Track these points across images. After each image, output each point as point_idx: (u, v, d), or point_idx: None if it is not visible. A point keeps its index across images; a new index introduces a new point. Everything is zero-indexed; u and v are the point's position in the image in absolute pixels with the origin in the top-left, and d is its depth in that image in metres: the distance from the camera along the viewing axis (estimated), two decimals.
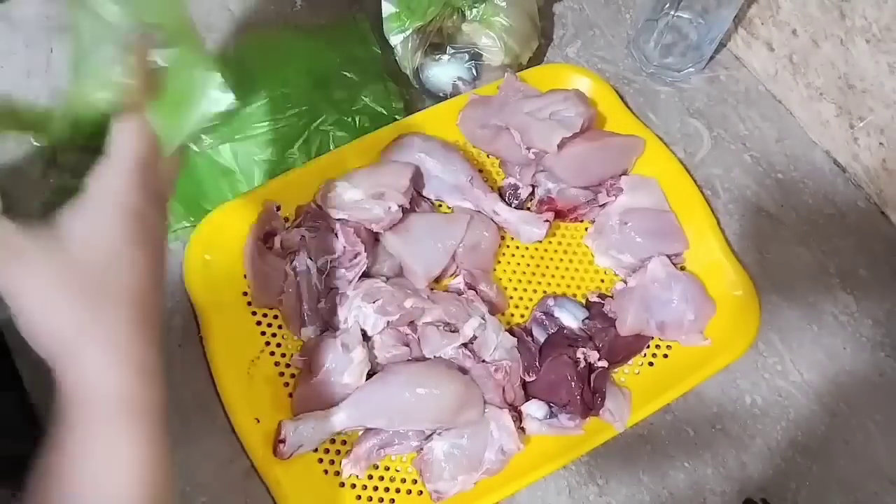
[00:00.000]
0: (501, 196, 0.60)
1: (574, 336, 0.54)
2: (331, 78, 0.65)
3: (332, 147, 0.61)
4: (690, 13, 0.66)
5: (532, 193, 0.60)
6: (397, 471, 0.50)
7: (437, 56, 0.64)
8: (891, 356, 0.58)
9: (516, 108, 0.59)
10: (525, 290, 0.58)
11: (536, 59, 0.68)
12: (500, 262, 0.59)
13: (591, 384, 0.52)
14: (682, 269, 0.58)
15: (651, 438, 0.54)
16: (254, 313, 0.54)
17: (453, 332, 0.52)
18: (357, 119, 0.63)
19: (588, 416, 0.51)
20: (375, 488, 0.50)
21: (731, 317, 0.55)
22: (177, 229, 0.57)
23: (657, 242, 0.58)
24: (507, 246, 0.59)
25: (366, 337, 0.52)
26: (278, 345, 0.53)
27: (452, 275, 0.57)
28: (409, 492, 0.50)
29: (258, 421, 0.49)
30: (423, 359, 0.52)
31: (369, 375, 0.51)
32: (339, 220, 0.55)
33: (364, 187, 0.56)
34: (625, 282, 0.58)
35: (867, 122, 0.62)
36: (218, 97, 0.39)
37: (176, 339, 0.53)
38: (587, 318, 0.55)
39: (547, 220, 0.57)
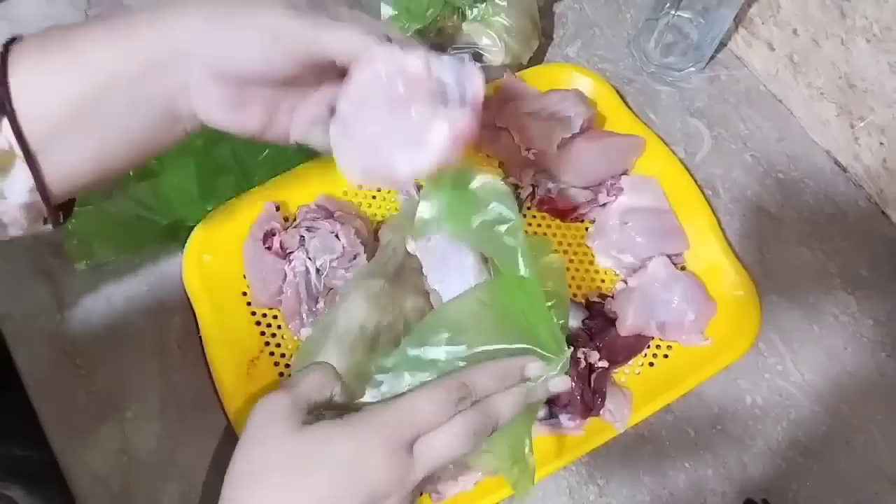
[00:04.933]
0: None
1: (574, 336, 0.54)
2: None
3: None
4: (691, 12, 0.66)
5: (532, 193, 0.60)
6: None
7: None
8: (892, 356, 0.58)
9: (516, 109, 0.59)
10: None
11: (537, 58, 0.68)
12: None
13: (591, 384, 0.52)
14: (683, 269, 0.58)
15: (651, 439, 0.53)
16: (253, 313, 0.54)
17: None
18: None
19: (588, 416, 0.51)
20: None
21: (731, 317, 0.55)
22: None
23: (658, 242, 0.58)
24: None
25: None
26: (278, 345, 0.53)
27: None
28: None
29: None
30: None
31: None
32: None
33: None
34: (625, 282, 0.58)
35: (868, 121, 0.62)
36: None
37: (175, 339, 0.53)
38: (587, 318, 0.55)
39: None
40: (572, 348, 0.40)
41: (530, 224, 0.60)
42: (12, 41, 0.33)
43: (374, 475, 0.32)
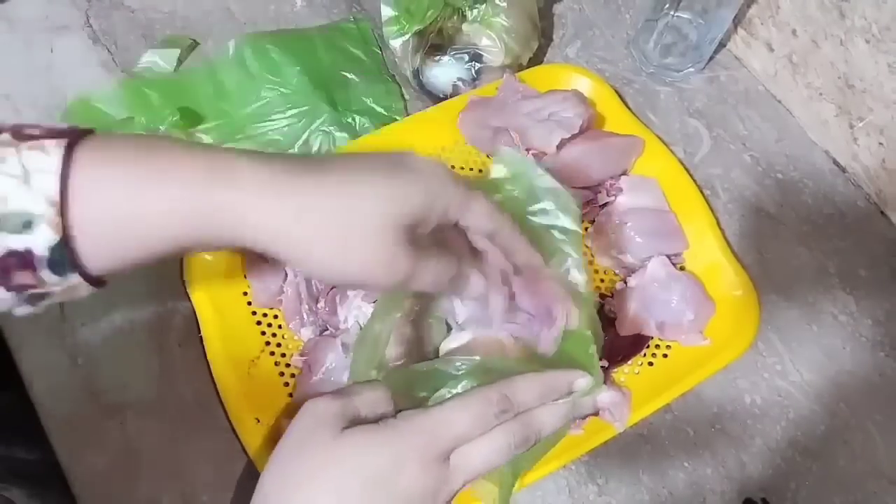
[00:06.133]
0: None
1: None
2: (331, 78, 0.65)
3: (332, 147, 0.62)
4: (690, 13, 0.66)
5: None
6: None
7: (437, 57, 0.64)
8: (890, 356, 0.58)
9: (515, 109, 0.59)
10: None
11: (536, 59, 0.68)
12: None
13: None
14: (682, 268, 0.58)
15: (651, 438, 0.54)
16: (254, 313, 0.54)
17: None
18: (357, 119, 0.63)
19: (587, 415, 0.51)
20: None
21: (730, 317, 0.55)
22: None
23: (657, 242, 0.58)
24: None
25: None
26: (278, 345, 0.53)
27: None
28: None
29: (258, 421, 0.49)
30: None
31: None
32: None
33: None
34: (625, 282, 0.58)
35: (867, 122, 0.62)
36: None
37: (176, 339, 0.54)
38: None
39: None
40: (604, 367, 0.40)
41: None
42: (84, 134, 0.31)
43: (408, 485, 0.32)
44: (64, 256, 0.30)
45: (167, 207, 0.31)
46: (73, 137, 0.30)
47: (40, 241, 0.29)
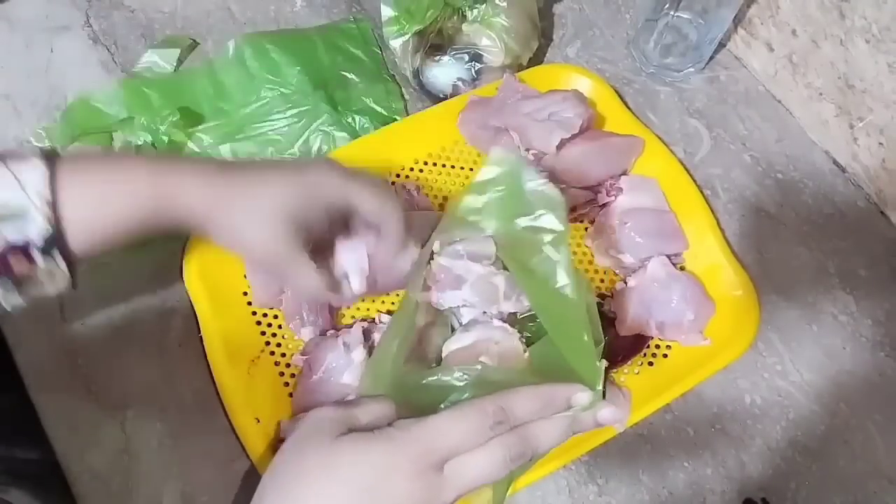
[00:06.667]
0: None
1: None
2: (331, 78, 0.65)
3: (332, 147, 0.62)
4: (690, 13, 0.66)
5: None
6: None
7: (438, 57, 0.64)
8: (890, 356, 0.58)
9: (515, 109, 0.59)
10: None
11: (536, 59, 0.68)
12: None
13: None
14: (682, 269, 0.58)
15: (651, 438, 0.54)
16: (254, 313, 0.54)
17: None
18: (357, 119, 0.63)
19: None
20: None
21: (730, 317, 0.55)
22: None
23: (657, 242, 0.58)
24: None
25: (366, 337, 0.52)
26: (278, 345, 0.53)
27: None
28: None
29: (258, 421, 0.49)
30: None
31: None
32: None
33: None
34: (625, 282, 0.58)
35: (867, 122, 0.62)
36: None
37: (176, 338, 0.54)
38: None
39: None
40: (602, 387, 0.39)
41: None
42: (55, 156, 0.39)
43: (398, 493, 0.32)
44: (53, 244, 0.38)
45: (130, 200, 0.41)
46: (49, 155, 0.39)
47: (36, 232, 0.38)
